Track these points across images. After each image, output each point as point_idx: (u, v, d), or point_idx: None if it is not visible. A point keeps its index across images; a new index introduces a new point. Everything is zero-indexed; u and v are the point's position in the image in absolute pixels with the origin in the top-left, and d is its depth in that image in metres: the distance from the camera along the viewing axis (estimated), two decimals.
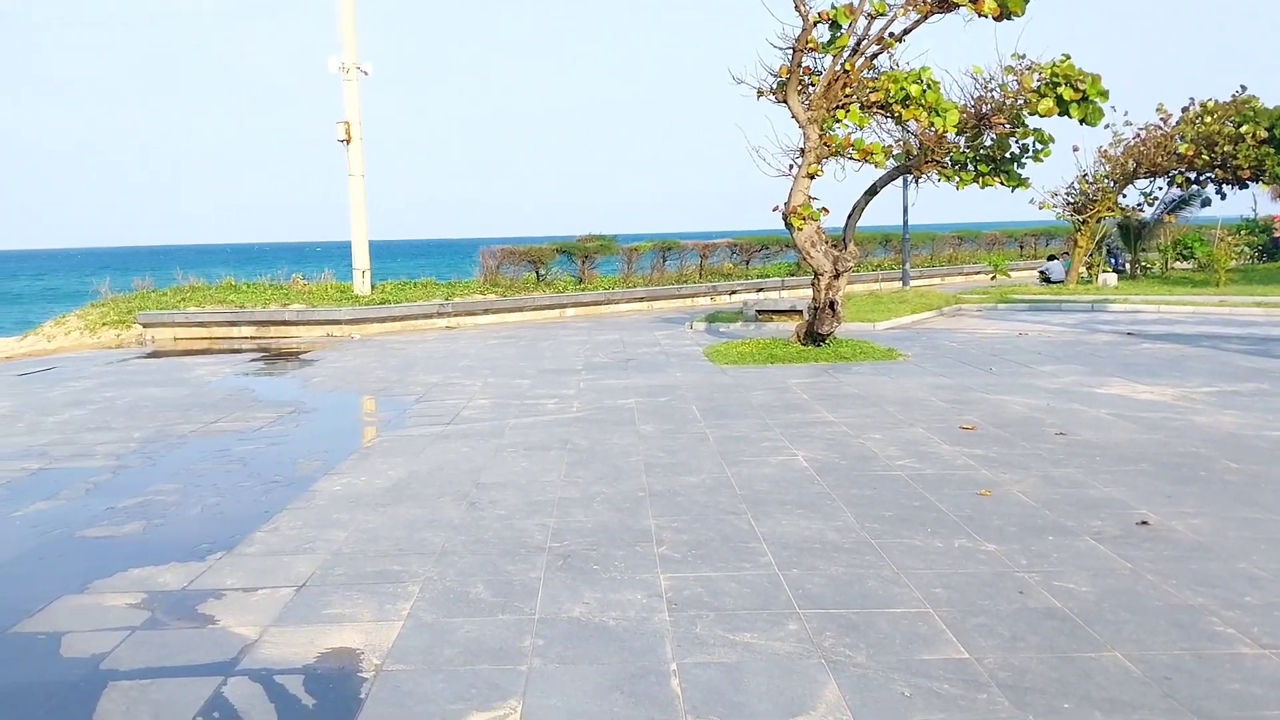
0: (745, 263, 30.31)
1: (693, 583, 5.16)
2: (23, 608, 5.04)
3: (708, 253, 28.99)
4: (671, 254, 28.04)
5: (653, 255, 27.50)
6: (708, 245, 29.14)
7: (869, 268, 32.56)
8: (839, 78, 13.97)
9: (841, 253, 14.44)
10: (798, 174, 14.20)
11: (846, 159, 14.42)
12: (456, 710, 3.82)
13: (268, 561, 5.70)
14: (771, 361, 13.69)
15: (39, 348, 20.44)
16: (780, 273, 30.11)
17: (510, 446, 8.64)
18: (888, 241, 34.70)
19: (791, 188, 14.19)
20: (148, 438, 9.51)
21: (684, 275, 28.18)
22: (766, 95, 14.44)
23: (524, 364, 14.40)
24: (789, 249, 30.43)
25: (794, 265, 30.72)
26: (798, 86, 14.10)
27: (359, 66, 21.96)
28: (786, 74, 14.05)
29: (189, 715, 3.83)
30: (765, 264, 31.14)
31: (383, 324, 20.61)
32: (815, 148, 14.05)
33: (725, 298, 26.81)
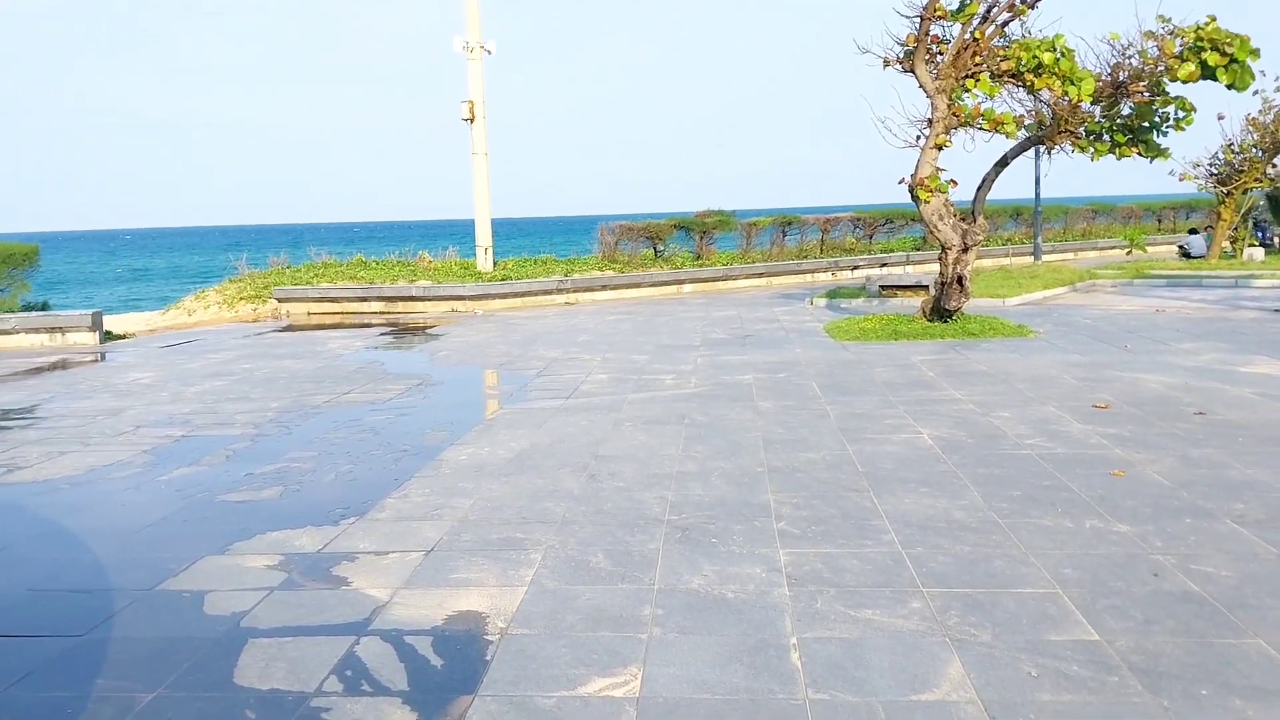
0: (868, 237, 29.79)
1: (813, 558, 5.12)
2: (168, 567, 5.31)
3: (829, 227, 28.58)
4: (791, 229, 27.73)
5: (772, 230, 27.24)
6: (829, 220, 28.73)
7: (998, 242, 31.63)
8: (968, 46, 13.56)
9: (970, 226, 14.06)
10: (925, 145, 13.86)
11: (976, 130, 14.02)
12: (578, 675, 3.88)
13: (398, 527, 5.88)
14: (895, 338, 13.44)
15: (180, 321, 21.47)
16: (905, 247, 29.50)
17: (628, 420, 8.70)
18: (1018, 215, 33.62)
19: (918, 159, 13.87)
20: (284, 408, 9.90)
21: (804, 250, 27.85)
22: (893, 65, 14.13)
23: (641, 339, 14.47)
24: (915, 223, 29.78)
25: (920, 240, 30.07)
26: (925, 55, 13.74)
27: (483, 45, 22.28)
28: (914, 43, 13.72)
29: (324, 673, 3.98)
30: (889, 238, 30.54)
31: (504, 300, 20.96)
32: (943, 118, 13.69)
33: (847, 273, 26.41)
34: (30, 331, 16.99)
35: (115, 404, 10.41)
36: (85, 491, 6.94)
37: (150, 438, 8.63)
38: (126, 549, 5.65)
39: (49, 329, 17.06)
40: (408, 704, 3.70)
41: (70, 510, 6.47)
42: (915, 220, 29.92)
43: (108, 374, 12.88)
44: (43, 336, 16.98)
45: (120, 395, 10.99)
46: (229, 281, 23.65)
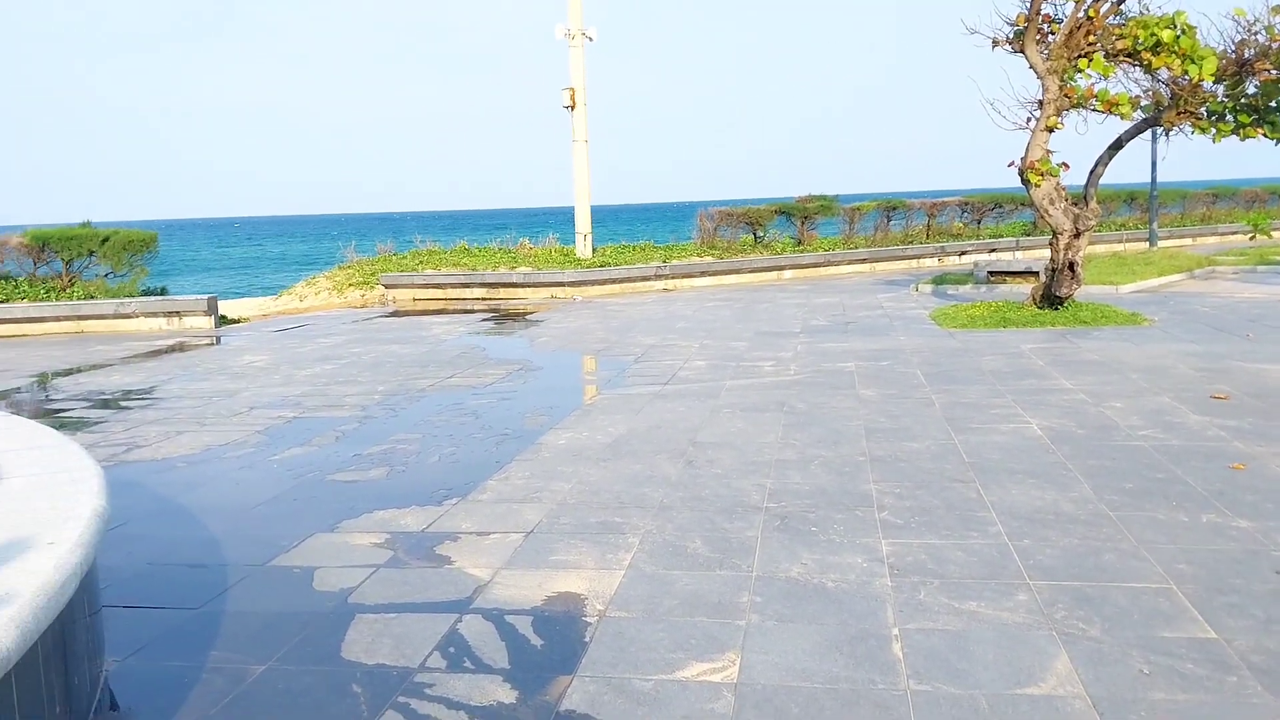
0: (976, 222, 29.09)
1: (916, 549, 5.03)
2: (280, 544, 5.48)
3: (935, 212, 27.98)
4: (896, 214, 27.22)
5: (876, 215, 26.79)
6: (935, 204, 28.12)
7: (1112, 227, 30.55)
8: (1081, 25, 13.10)
9: (1082, 210, 13.61)
10: (1035, 127, 13.45)
11: (1089, 111, 13.54)
12: (677, 659, 3.89)
13: (498, 508, 5.96)
14: (1004, 325, 13.10)
15: (292, 306, 22.12)
16: (1014, 233, 28.71)
17: (727, 407, 8.66)
18: (1133, 199, 32.42)
19: (1029, 142, 13.47)
20: (390, 391, 10.12)
21: (909, 236, 27.33)
22: (1002, 45, 13.74)
23: (740, 326, 14.39)
24: (1024, 207, 28.95)
25: (1029, 225, 29.24)
26: (1036, 35, 13.33)
27: (584, 32, 22.38)
28: (1024, 22, 13.32)
29: (427, 649, 4.07)
30: (998, 223, 29.77)
31: (603, 286, 21.06)
32: (1055, 99, 13.26)
33: (954, 259, 25.83)
34: (149, 315, 17.70)
35: (230, 386, 10.79)
36: (201, 470, 7.21)
37: (264, 419, 8.92)
38: (240, 526, 5.85)
39: (167, 313, 17.74)
40: (508, 682, 3.76)
41: (187, 488, 6.73)
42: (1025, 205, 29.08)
43: (223, 357, 13.35)
44: (161, 320, 17.67)
45: (235, 377, 11.38)
46: (338, 268, 24.28)
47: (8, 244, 19.21)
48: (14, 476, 4.33)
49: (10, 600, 2.92)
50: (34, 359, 14.01)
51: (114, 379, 11.74)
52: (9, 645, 2.72)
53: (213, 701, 3.69)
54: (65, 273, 19.46)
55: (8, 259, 19.30)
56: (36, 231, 19.50)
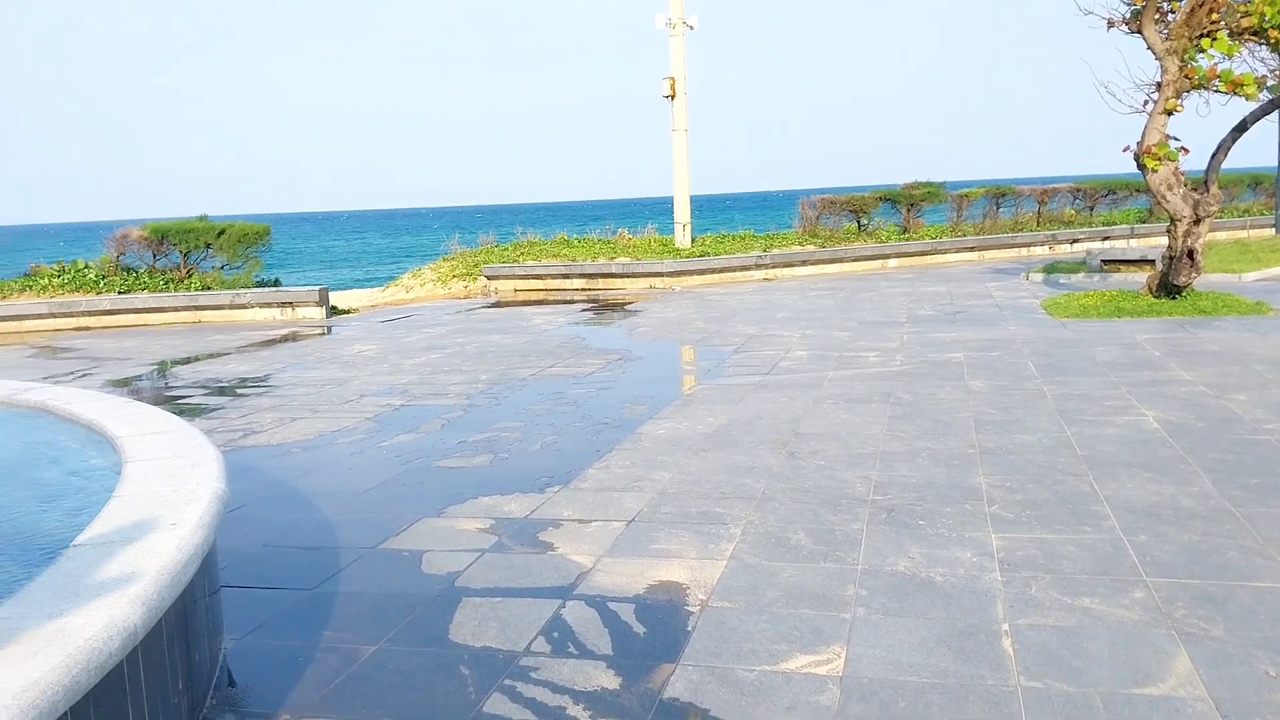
0: (1089, 209, 28.18)
1: (1027, 544, 4.89)
2: (389, 527, 5.60)
3: (1046, 199, 27.18)
4: (1005, 201, 26.52)
5: (984, 202, 26.14)
6: (1046, 191, 27.32)
7: (1234, 213, 29.26)
8: (1204, 3, 12.54)
9: (1203, 196, 13.05)
10: (1153, 110, 12.95)
11: (1211, 93, 12.97)
12: (780, 650, 3.85)
13: (600, 497, 6.00)
14: (1118, 315, 12.66)
15: (398, 298, 22.60)
16: (1129, 220, 27.73)
17: (829, 398, 8.56)
18: (1258, 184, 31.00)
19: (1146, 125, 12.97)
20: (493, 380, 10.27)
21: (1019, 223, 26.60)
22: (1118, 25, 13.25)
23: (843, 316, 14.21)
24: (1139, 193, 27.93)
25: (1145, 211, 28.21)
26: (1155, 15, 12.82)
27: (685, 21, 22.31)
28: (1142, 2, 12.81)
29: (532, 633, 4.11)
30: (1111, 210, 28.79)
31: (702, 276, 21.01)
32: (1174, 81, 12.74)
33: (1065, 247, 25.05)
34: (263, 306, 18.28)
35: (341, 374, 11.08)
36: (314, 455, 7.42)
37: (373, 406, 9.13)
38: (351, 509, 6.00)
39: (280, 304, 18.30)
40: (611, 668, 3.78)
41: (302, 472, 6.93)
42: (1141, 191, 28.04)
43: (334, 346, 13.72)
44: (274, 311, 18.23)
45: (345, 366, 11.69)
46: (442, 260, 24.71)
47: (129, 237, 20.06)
48: (138, 460, 4.52)
49: (136, 579, 3.04)
50: (154, 348, 14.60)
51: (230, 367, 12.16)
52: (135, 621, 2.84)
53: (326, 680, 3.79)
54: (183, 264, 20.23)
55: (129, 252, 20.15)
56: (156, 225, 20.32)
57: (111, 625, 2.72)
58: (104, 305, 18.23)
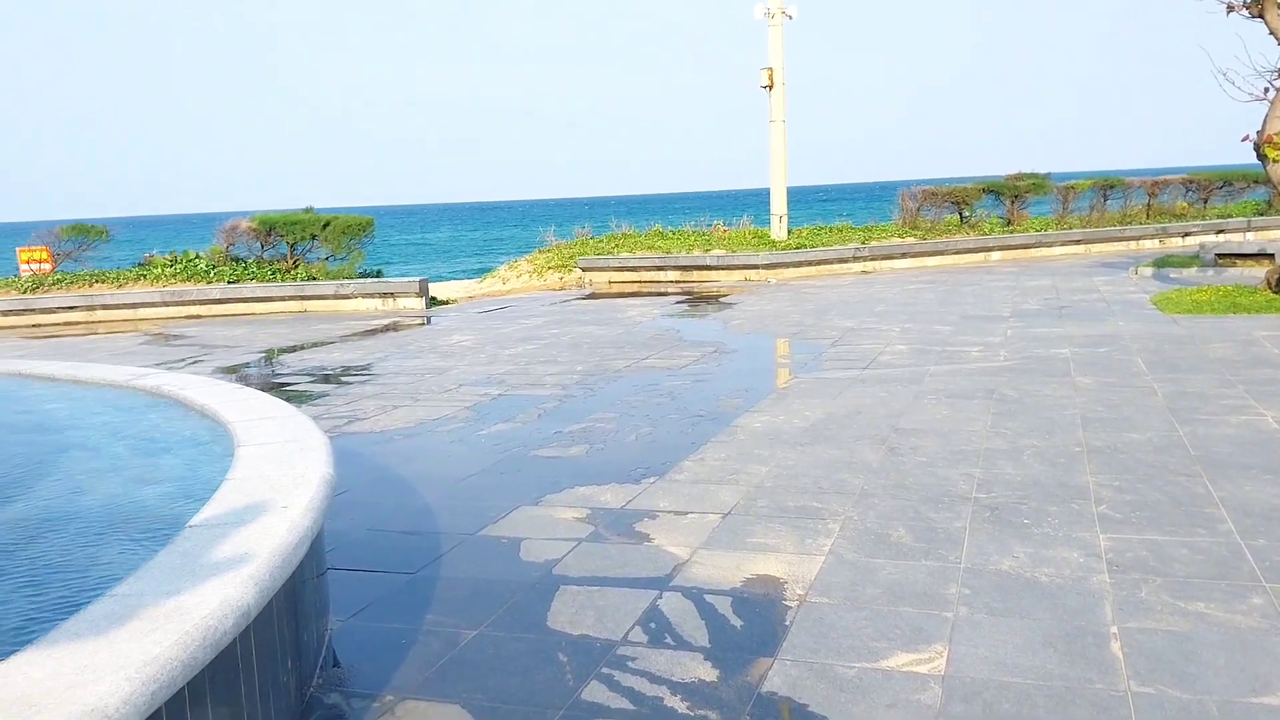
0: (1202, 201, 27.13)
1: (1137, 545, 4.74)
2: (489, 514, 5.68)
3: (1156, 191, 26.24)
4: (1114, 193, 25.68)
5: (1091, 194, 25.35)
6: (1156, 182, 26.37)
7: None
8: None
9: None
10: (1275, 99, 12.41)
11: None
12: (880, 648, 3.80)
13: (695, 489, 5.99)
14: (1234, 311, 12.16)
15: (494, 289, 22.90)
16: (1245, 212, 26.61)
17: (930, 393, 8.40)
18: None
19: (1267, 114, 12.44)
20: (588, 371, 10.34)
21: (1127, 216, 25.73)
22: (1238, 10, 12.73)
23: (944, 310, 13.93)
24: (1257, 185, 26.79)
25: (1263, 204, 27.05)
26: None
27: (784, 11, 22.11)
28: None
29: (629, 623, 4.13)
30: (1226, 203, 27.67)
31: (798, 268, 20.81)
32: None
33: (1177, 240, 24.16)
34: (365, 296, 18.71)
35: (440, 364, 11.27)
36: (416, 443, 7.56)
37: (471, 395, 9.27)
38: (451, 496, 6.10)
39: (381, 294, 18.70)
40: (709, 660, 3.77)
41: (403, 459, 7.07)
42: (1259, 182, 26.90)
43: (433, 336, 13.96)
44: (376, 301, 18.64)
45: (444, 356, 11.89)
46: (538, 252, 24.95)
47: (238, 228, 20.72)
48: (249, 444, 4.66)
49: (249, 559, 3.14)
50: (262, 336, 15.06)
51: (334, 356, 12.47)
52: (248, 601, 2.93)
53: (428, 663, 3.86)
54: (290, 255, 20.81)
55: (238, 242, 20.81)
56: (264, 216, 20.94)
57: (226, 604, 2.80)
58: (214, 294, 18.86)
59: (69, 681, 2.34)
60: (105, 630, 2.62)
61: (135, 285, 19.49)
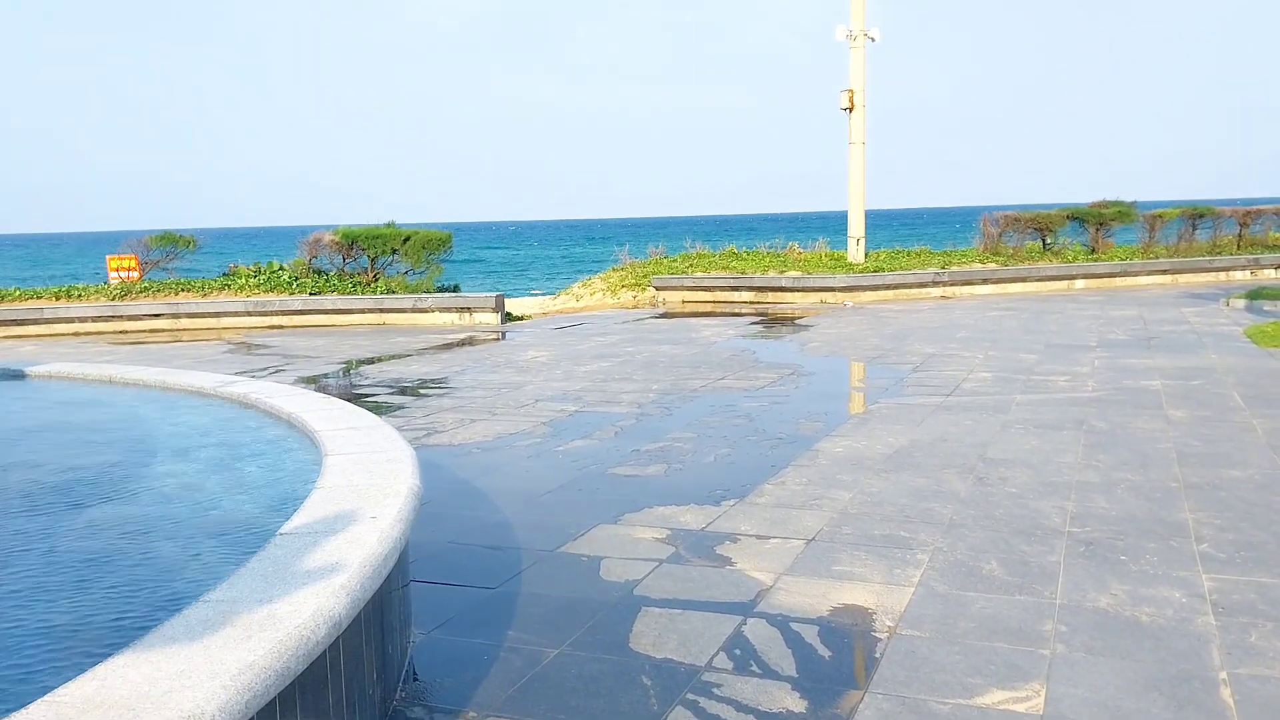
0: None
1: (1243, 587, 4.53)
2: (568, 531, 5.65)
3: (1248, 221, 25.45)
4: (1203, 222, 24.95)
5: (1180, 223, 24.68)
6: (1249, 212, 25.58)
7: None
8: None
9: None
10: None
11: None
12: (975, 684, 3.67)
13: (777, 513, 5.89)
14: None
15: (568, 306, 23.00)
16: None
17: (1018, 423, 8.19)
18: None
19: None
20: (664, 390, 10.28)
21: (1217, 246, 24.97)
22: None
23: (1028, 337, 13.63)
24: None
25: None
26: None
27: (866, 33, 21.95)
28: None
29: (714, 649, 4.05)
30: None
31: (875, 292, 20.56)
32: None
33: (1269, 272, 23.38)
34: (443, 310, 18.90)
35: (517, 379, 11.31)
36: (494, 456, 7.57)
37: (548, 411, 9.28)
38: (530, 511, 6.08)
39: (459, 309, 18.89)
40: (796, 690, 3.67)
41: (482, 472, 7.08)
42: None
43: (509, 352, 14.04)
44: (453, 315, 18.83)
45: (520, 371, 11.93)
46: (612, 270, 25.02)
47: (321, 241, 21.09)
48: (337, 454, 4.68)
49: (341, 569, 3.13)
50: (342, 347, 15.28)
51: (413, 368, 12.59)
52: (340, 611, 2.92)
53: (511, 680, 3.83)
54: (371, 268, 21.12)
55: (321, 255, 21.19)
56: (346, 230, 21.30)
57: (319, 614, 2.79)
58: (295, 305, 19.21)
59: (166, 687, 2.34)
60: (200, 636, 2.62)
61: (219, 294, 19.93)
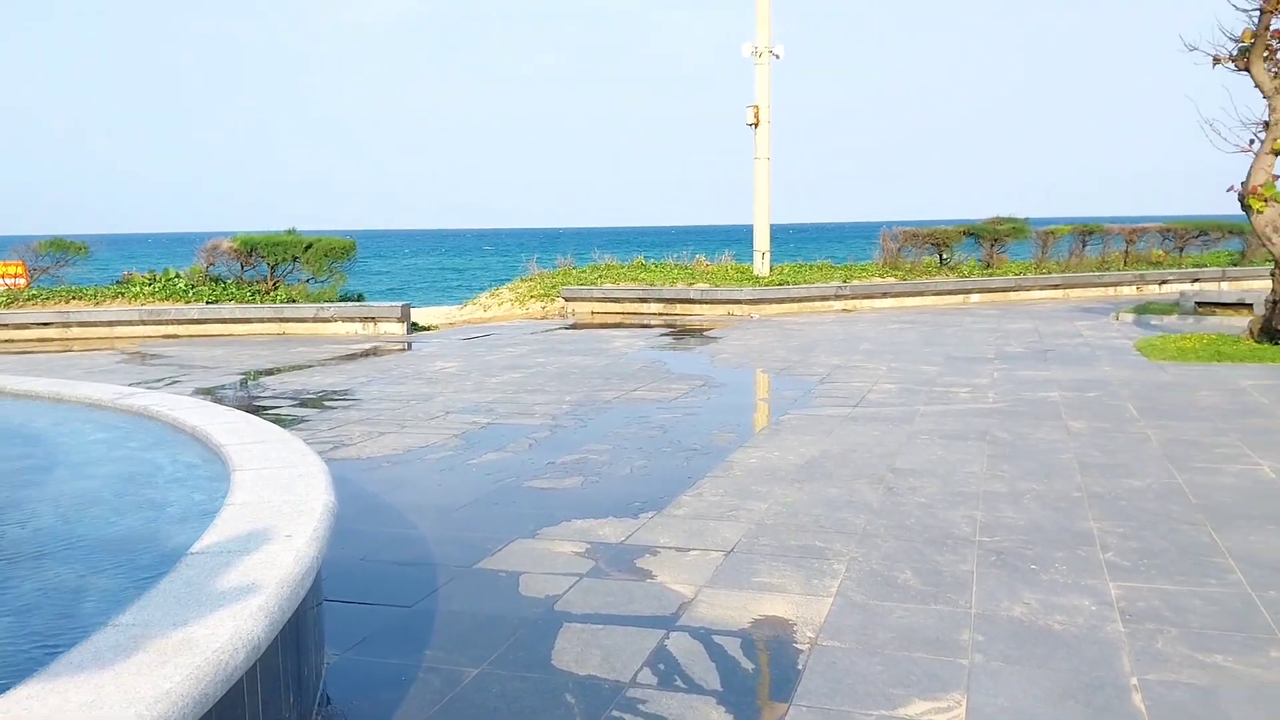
0: (1179, 250, 27.46)
1: (1148, 594, 4.67)
2: (484, 547, 5.55)
3: (1134, 238, 26.56)
4: (1092, 239, 25.95)
5: (1070, 240, 25.61)
6: (1135, 230, 26.69)
7: None
8: None
9: None
10: (1260, 151, 12.56)
11: None
12: (898, 695, 3.70)
13: (695, 524, 5.88)
14: (1218, 359, 12.23)
15: (476, 316, 22.77)
16: (1220, 262, 26.97)
17: (923, 434, 8.35)
18: None
19: (1251, 165, 12.57)
20: (577, 401, 10.22)
21: (1105, 262, 25.99)
22: (1224, 63, 12.89)
23: (928, 350, 13.94)
24: (1233, 235, 27.25)
25: (1237, 254, 27.45)
26: (1264, 52, 12.45)
27: (771, 50, 22.26)
28: (1250, 39, 12.46)
29: (637, 664, 4.01)
30: (1202, 252, 28.04)
31: (780, 305, 20.83)
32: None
33: (1154, 288, 24.41)
34: (346, 320, 18.52)
35: (426, 390, 11.12)
36: (405, 470, 7.41)
37: (459, 423, 9.13)
38: (444, 527, 5.96)
39: (363, 318, 18.53)
40: (722, 705, 3.65)
41: (393, 487, 6.92)
42: (1233, 233, 27.36)
43: (416, 362, 13.81)
44: (356, 325, 18.46)
45: (429, 382, 11.74)
46: (520, 280, 24.87)
47: (219, 248, 20.51)
48: (247, 469, 4.51)
49: (257, 590, 3.00)
50: (241, 357, 14.85)
51: (316, 379, 12.29)
52: (259, 634, 2.80)
53: (431, 701, 3.73)
54: (271, 277, 20.61)
55: (219, 262, 20.60)
56: (246, 237, 20.75)
57: (237, 637, 2.67)
58: (192, 314, 18.62)
59: (76, 718, 2.21)
60: (111, 663, 2.48)
61: (112, 303, 19.21)
